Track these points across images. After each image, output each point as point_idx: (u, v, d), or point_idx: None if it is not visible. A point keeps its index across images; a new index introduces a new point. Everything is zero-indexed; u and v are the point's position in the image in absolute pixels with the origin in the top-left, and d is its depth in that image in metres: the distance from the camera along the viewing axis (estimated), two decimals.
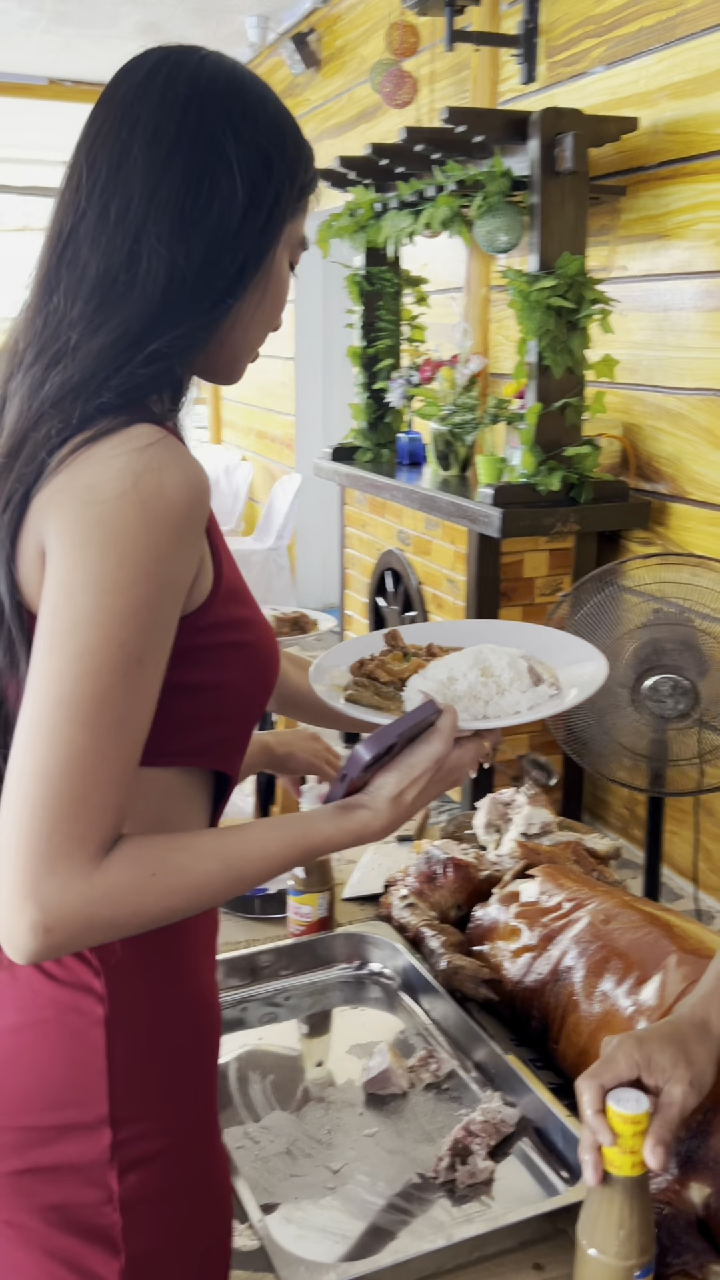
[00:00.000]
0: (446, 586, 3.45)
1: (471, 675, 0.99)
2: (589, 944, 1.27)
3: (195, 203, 0.87)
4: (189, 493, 0.83)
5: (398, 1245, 1.04)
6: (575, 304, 3.00)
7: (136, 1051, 0.92)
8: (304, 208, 0.96)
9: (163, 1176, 0.93)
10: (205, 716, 0.94)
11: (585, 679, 1.03)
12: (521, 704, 0.98)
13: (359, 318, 4.20)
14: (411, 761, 0.91)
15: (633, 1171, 0.89)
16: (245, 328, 0.95)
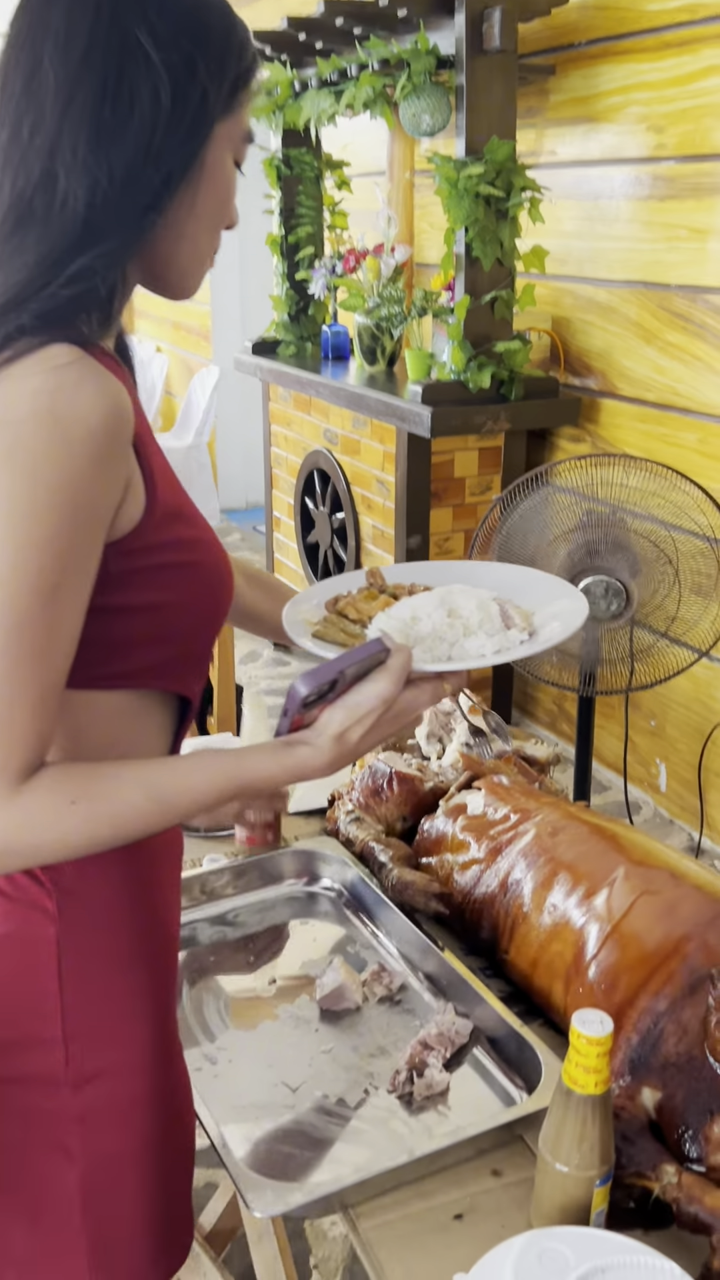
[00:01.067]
0: (376, 488, 3.41)
1: (436, 615, 0.97)
2: (537, 857, 1.29)
3: (112, 113, 0.82)
4: (106, 413, 0.80)
5: (360, 1160, 1.06)
6: (505, 192, 2.91)
7: (88, 972, 0.94)
8: (242, 100, 0.89)
9: (118, 1091, 0.96)
10: (149, 638, 0.92)
11: (563, 619, 1.01)
12: (487, 647, 0.96)
13: (277, 203, 4.04)
14: (358, 700, 0.89)
15: (595, 1090, 0.91)
16: (187, 236, 0.90)
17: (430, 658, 0.95)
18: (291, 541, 4.12)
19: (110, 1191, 0.96)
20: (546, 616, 1.03)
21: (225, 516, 6.33)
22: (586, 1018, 0.92)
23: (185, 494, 0.97)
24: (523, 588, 1.09)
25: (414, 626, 0.97)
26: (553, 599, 1.06)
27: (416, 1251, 0.97)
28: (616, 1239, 0.90)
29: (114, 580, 0.87)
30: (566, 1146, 0.93)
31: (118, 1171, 0.96)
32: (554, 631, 0.99)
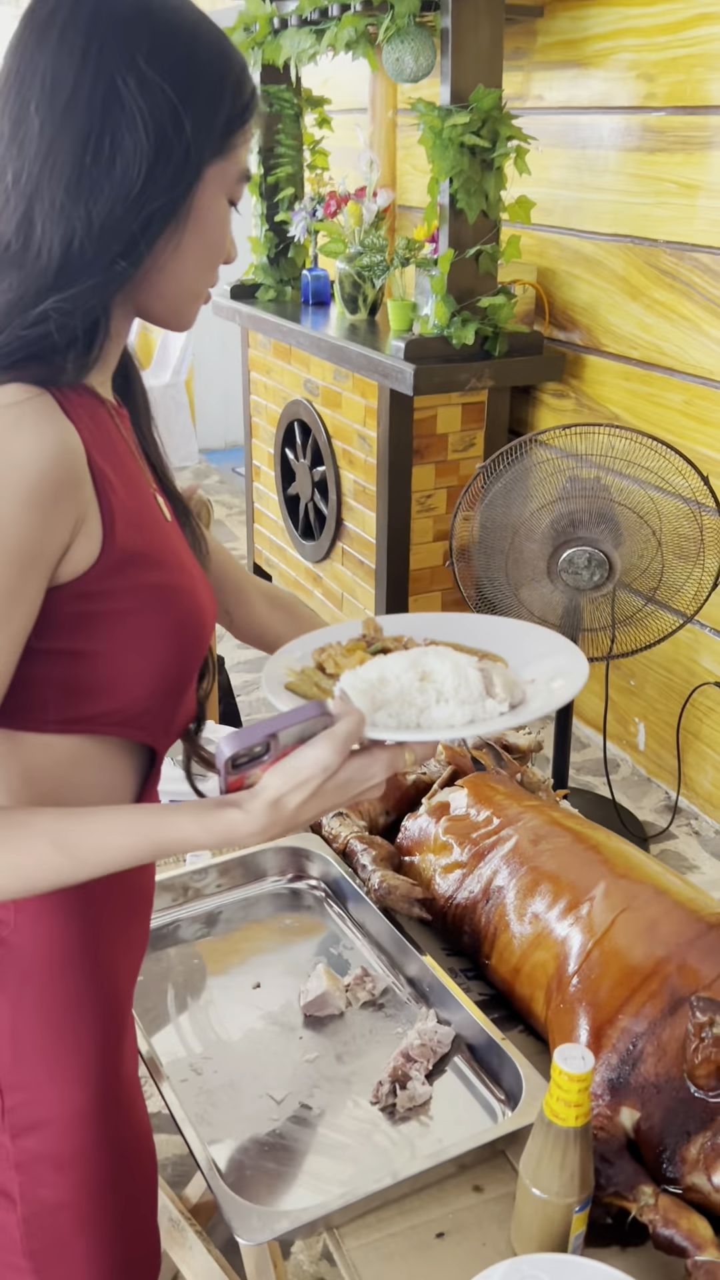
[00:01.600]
0: (358, 442, 3.36)
1: (406, 678, 0.93)
2: (519, 865, 1.29)
3: (93, 162, 0.80)
4: (43, 456, 0.79)
5: (343, 1177, 1.08)
6: (490, 142, 2.83)
7: (23, 1026, 0.94)
8: (236, 142, 0.88)
9: (60, 1141, 0.96)
10: (103, 686, 0.90)
11: (553, 689, 0.97)
12: (458, 717, 0.91)
13: (256, 142, 3.91)
14: (296, 765, 0.84)
15: (576, 1123, 0.93)
16: (175, 275, 0.88)
17: (395, 723, 0.91)
18: (272, 492, 4.07)
19: (55, 1238, 0.97)
20: (545, 674, 0.99)
21: (204, 457, 6.26)
22: (568, 1054, 0.93)
23: (164, 538, 0.94)
24: (523, 642, 1.05)
25: (380, 689, 0.92)
26: (551, 658, 1.02)
27: (400, 1271, 1.00)
28: (596, 1266, 0.92)
29: (64, 623, 0.85)
30: (547, 1175, 0.95)
31: (61, 1220, 0.96)
32: (539, 705, 0.95)
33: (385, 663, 0.95)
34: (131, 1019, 1.07)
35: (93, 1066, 0.98)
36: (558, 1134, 0.94)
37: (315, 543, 3.76)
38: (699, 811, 2.99)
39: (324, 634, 1.09)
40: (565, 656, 1.02)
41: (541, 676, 1.00)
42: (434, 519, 3.34)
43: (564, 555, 2.37)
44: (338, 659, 1.00)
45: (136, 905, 1.05)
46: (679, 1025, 1.07)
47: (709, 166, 2.63)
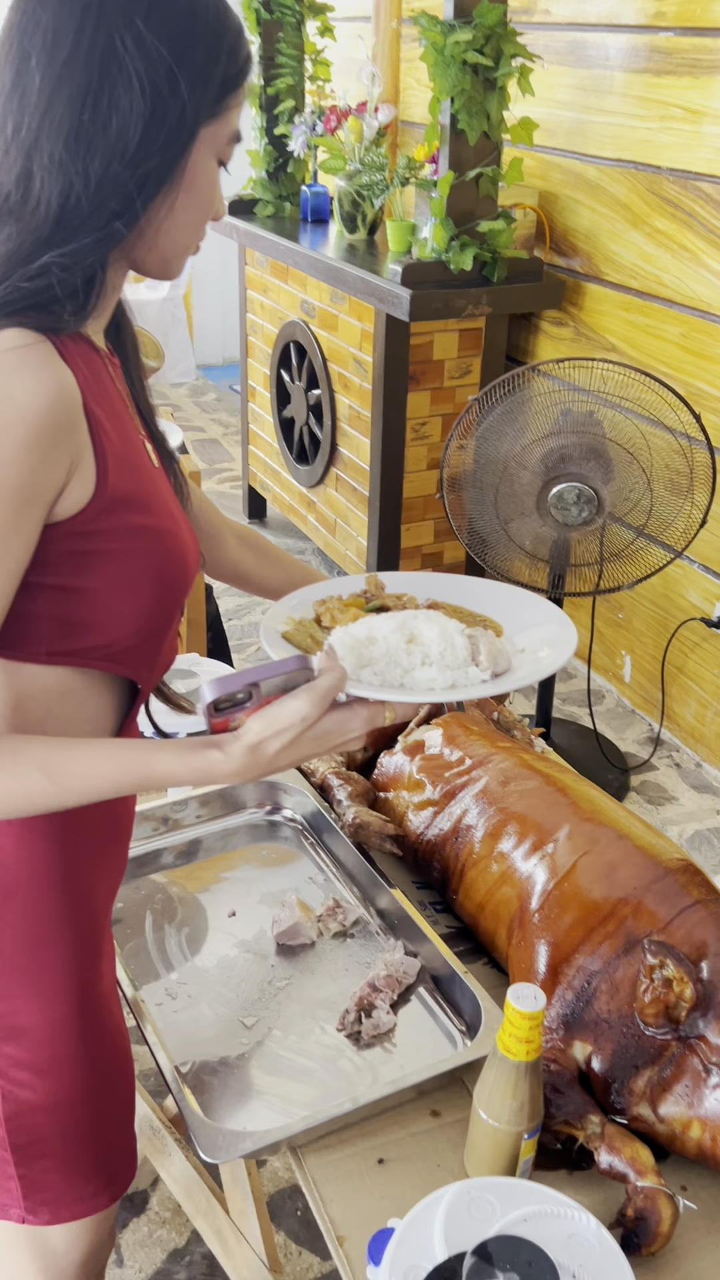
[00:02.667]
0: (354, 367, 3.33)
1: (393, 639, 0.95)
2: (488, 805, 1.33)
3: (92, 118, 0.82)
4: (42, 399, 0.81)
5: (308, 1099, 1.13)
6: (494, 60, 2.76)
7: (5, 938, 0.99)
8: (230, 104, 0.89)
9: (38, 1050, 1.03)
10: (93, 621, 0.93)
11: (540, 659, 0.99)
12: (439, 681, 0.94)
13: (256, 50, 3.80)
14: (276, 713, 0.88)
15: (527, 1058, 0.97)
16: (167, 232, 0.91)
17: (380, 681, 0.94)
18: (267, 414, 4.04)
19: (35, 1137, 1.04)
20: (534, 644, 1.00)
21: (201, 373, 6.19)
22: (521, 993, 0.97)
23: (151, 482, 0.97)
24: (521, 610, 1.07)
25: (368, 647, 0.95)
26: (543, 627, 1.04)
27: (358, 1190, 1.06)
28: (540, 1190, 0.97)
29: (58, 560, 0.89)
30: (498, 1104, 1.00)
31: (40, 1120, 1.03)
32: (523, 674, 0.97)
33: (375, 622, 0.98)
34: (109, 937, 1.12)
35: (70, 981, 1.03)
36: (509, 1067, 0.98)
37: (309, 467, 3.75)
38: (680, 744, 3.04)
39: (328, 586, 1.11)
40: (556, 628, 1.04)
41: (531, 645, 1.02)
42: (428, 447, 3.33)
43: (553, 491, 2.37)
44: (335, 613, 1.03)
45: (115, 832, 1.10)
46: (632, 965, 1.11)
47: (716, 92, 2.57)
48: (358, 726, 0.91)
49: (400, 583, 1.12)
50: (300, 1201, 1.87)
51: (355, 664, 0.94)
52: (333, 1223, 1.02)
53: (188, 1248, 1.80)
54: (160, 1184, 1.89)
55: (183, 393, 5.92)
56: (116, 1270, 1.76)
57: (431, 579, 1.15)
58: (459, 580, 1.16)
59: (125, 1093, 1.14)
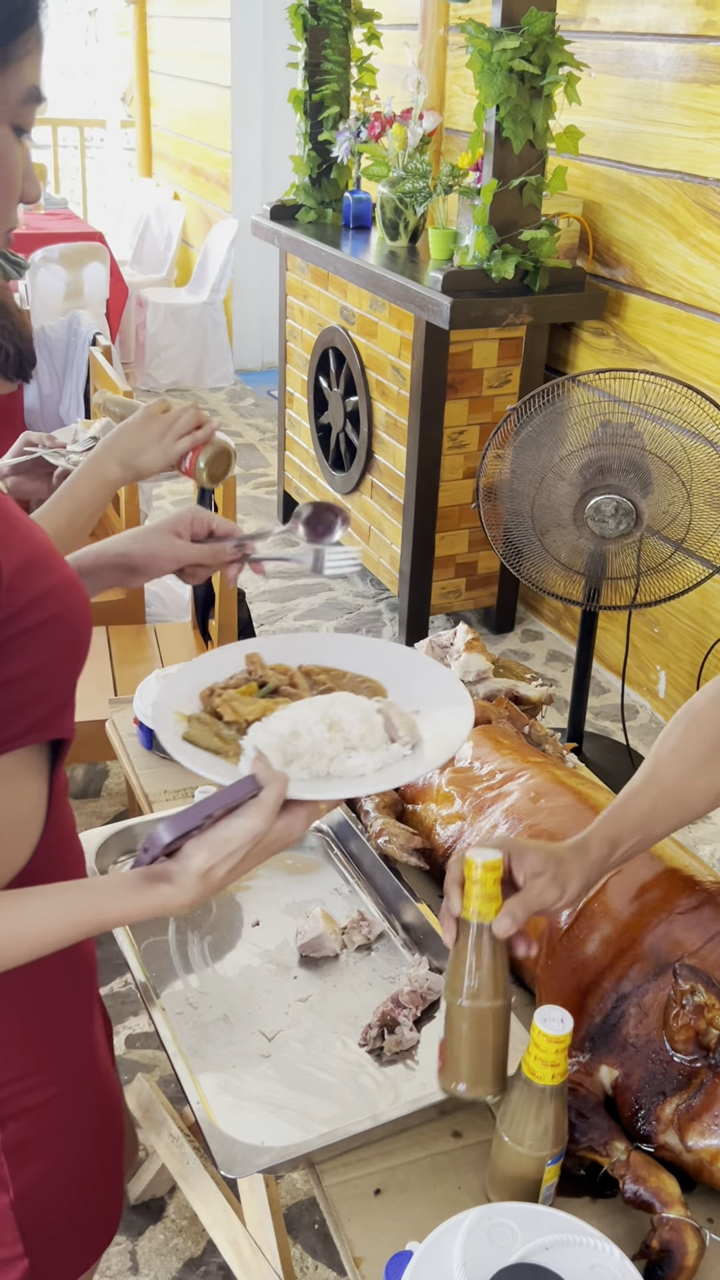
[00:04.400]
0: (392, 374, 3.32)
1: (317, 730, 0.93)
2: (518, 820, 1.31)
3: None
4: None
5: (328, 1115, 1.11)
6: (540, 68, 2.74)
7: (6, 1022, 0.94)
8: (9, 58, 0.75)
9: (45, 1121, 0.99)
10: (23, 704, 0.86)
11: (446, 731, 0.96)
12: (369, 766, 0.92)
13: (302, 56, 3.81)
14: (227, 836, 0.83)
15: (552, 1082, 0.95)
16: None
17: (308, 774, 0.92)
18: (304, 420, 4.04)
19: (41, 1206, 1.00)
20: (429, 722, 0.97)
21: (239, 378, 6.20)
22: (548, 1015, 0.95)
23: (34, 530, 0.87)
24: (399, 668, 1.05)
25: (292, 743, 0.92)
26: (438, 696, 1.01)
27: (376, 1209, 1.04)
28: (563, 1217, 0.95)
29: None
30: (521, 1128, 0.98)
31: (45, 1188, 0.99)
32: (438, 749, 0.94)
33: (295, 714, 0.94)
34: (96, 1002, 1.09)
35: (74, 1045, 1.01)
36: (534, 1091, 0.96)
37: (345, 474, 3.74)
38: None
39: (205, 665, 1.05)
40: (443, 684, 1.01)
41: (426, 710, 0.99)
42: (465, 456, 3.31)
43: (591, 502, 2.34)
44: (235, 705, 0.98)
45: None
46: (662, 990, 1.09)
47: None
48: (299, 828, 0.87)
49: (273, 651, 1.09)
50: (318, 1215, 1.85)
51: (281, 761, 0.92)
52: (350, 1243, 1.01)
53: (204, 1257, 1.78)
54: (177, 1192, 1.87)
55: (220, 397, 5.94)
56: (131, 1277, 1.75)
57: (302, 641, 1.12)
58: (329, 640, 1.13)
59: (117, 1149, 1.11)
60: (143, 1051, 2.13)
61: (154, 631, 2.71)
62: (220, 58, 5.73)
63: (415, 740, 0.96)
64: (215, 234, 5.86)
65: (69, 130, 7.28)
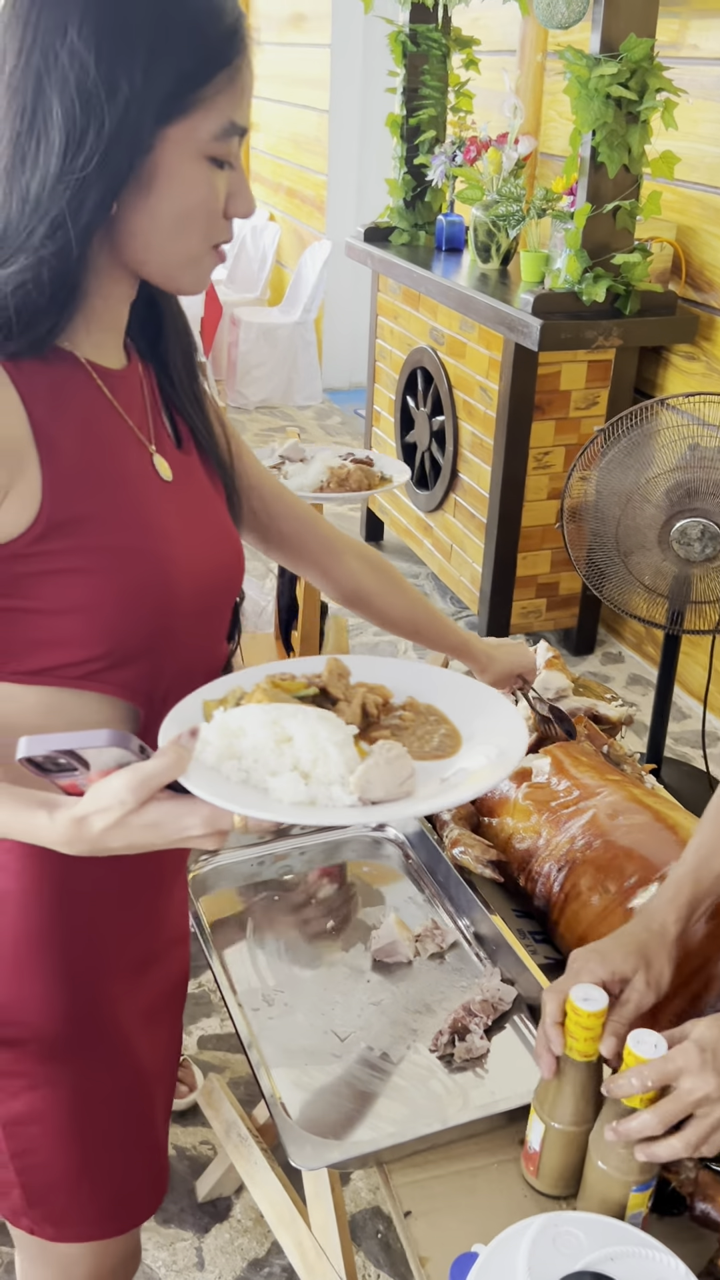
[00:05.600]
0: (479, 394, 3.35)
1: (261, 735, 0.86)
2: (595, 838, 1.32)
3: (28, 136, 0.81)
4: None
5: (398, 1117, 1.13)
6: (638, 94, 2.75)
7: (36, 957, 1.01)
8: (199, 100, 0.85)
9: (25, 1063, 1.04)
10: (48, 641, 0.91)
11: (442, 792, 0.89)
12: (299, 794, 0.84)
13: (401, 82, 3.87)
14: (100, 790, 0.80)
15: (643, 1106, 0.96)
16: (157, 245, 0.89)
17: (243, 778, 0.86)
18: (390, 439, 4.08)
19: (29, 1146, 1.05)
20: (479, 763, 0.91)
21: (327, 397, 6.28)
22: (641, 1039, 0.96)
23: (133, 501, 0.94)
24: (477, 711, 0.98)
25: (238, 739, 0.87)
26: (491, 738, 0.94)
27: (442, 1211, 1.05)
28: (629, 1230, 0.95)
29: (3, 582, 0.88)
30: (608, 1150, 0.99)
31: (35, 1133, 1.04)
32: (397, 808, 0.86)
33: (249, 712, 0.89)
34: (133, 980, 1.12)
35: (64, 993, 1.04)
36: (624, 1113, 0.97)
37: (429, 492, 3.77)
38: None
39: (305, 663, 1.03)
40: (497, 750, 0.93)
41: (474, 764, 0.91)
42: (550, 476, 3.32)
43: (677, 526, 2.34)
44: (260, 693, 0.95)
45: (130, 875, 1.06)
46: None
47: None
48: (194, 825, 0.80)
49: (374, 672, 1.02)
50: (382, 1224, 1.86)
51: (221, 754, 0.86)
52: (415, 1242, 1.02)
53: (268, 1259, 1.81)
54: (244, 1192, 1.90)
55: (308, 415, 6.02)
56: (196, 1273, 1.78)
57: (410, 669, 1.05)
58: (440, 676, 1.05)
59: (140, 1131, 1.15)
60: (214, 1053, 2.16)
61: None
62: (320, 83, 5.83)
63: (377, 798, 0.86)
64: (309, 255, 5.95)
65: None
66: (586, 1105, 1.01)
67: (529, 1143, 1.06)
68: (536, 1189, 1.06)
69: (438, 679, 1.06)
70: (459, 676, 1.07)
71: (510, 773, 0.93)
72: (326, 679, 0.99)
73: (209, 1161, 1.93)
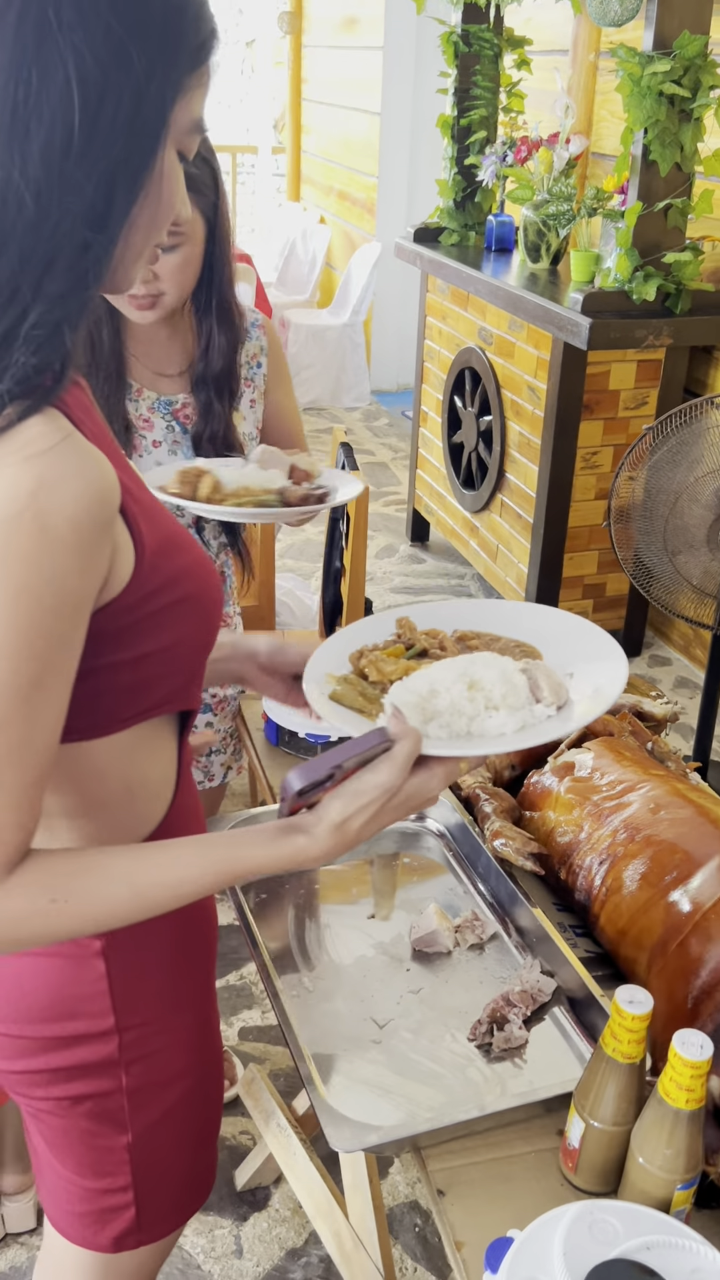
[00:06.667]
0: (527, 394, 3.34)
1: (456, 689, 0.92)
2: (637, 830, 1.31)
3: (25, 102, 0.69)
4: (91, 503, 0.75)
5: (435, 1104, 1.14)
6: (691, 91, 2.74)
7: (133, 974, 1.00)
8: (193, 86, 0.76)
9: (162, 1067, 1.04)
10: (159, 675, 0.91)
11: (599, 690, 0.95)
12: (509, 725, 0.92)
13: (452, 82, 3.87)
14: (358, 789, 0.85)
15: (687, 1106, 0.95)
16: (133, 246, 0.79)
17: (447, 734, 0.91)
18: (437, 439, 4.09)
19: (154, 1151, 1.05)
20: (583, 668, 0.97)
21: (375, 398, 6.29)
22: (687, 1039, 0.95)
23: (168, 515, 0.92)
24: (555, 631, 1.03)
25: (431, 701, 0.93)
26: (593, 656, 0.99)
27: (479, 1198, 1.05)
28: (666, 1220, 0.95)
29: (113, 638, 0.84)
30: (653, 1148, 0.98)
31: (159, 1134, 1.05)
32: (587, 708, 0.93)
33: (434, 674, 0.95)
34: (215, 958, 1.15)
35: (192, 995, 1.06)
36: (668, 1112, 0.96)
37: (475, 492, 3.76)
38: None
39: (354, 633, 1.07)
40: (597, 644, 1.00)
41: (580, 670, 0.98)
42: (597, 477, 3.30)
43: None
44: (380, 666, 1.00)
45: None
46: None
47: None
48: (436, 786, 0.88)
49: (425, 616, 1.09)
50: (419, 1218, 1.86)
51: (420, 720, 0.92)
52: (452, 1227, 1.03)
53: (305, 1248, 1.82)
54: (282, 1183, 1.91)
55: (356, 417, 6.04)
56: (235, 1260, 1.79)
57: (457, 607, 1.11)
58: (484, 605, 1.13)
59: (219, 1096, 1.16)
60: (255, 1044, 2.18)
61: (282, 638, 2.78)
62: (371, 85, 5.85)
63: (563, 701, 0.95)
64: (359, 257, 5.97)
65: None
66: (629, 1105, 1.01)
67: (568, 1139, 1.06)
68: (574, 1184, 1.06)
69: (476, 610, 1.13)
70: (493, 602, 1.15)
71: (624, 661, 1.00)
72: (413, 636, 1.06)
73: (248, 1151, 1.94)
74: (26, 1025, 0.98)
